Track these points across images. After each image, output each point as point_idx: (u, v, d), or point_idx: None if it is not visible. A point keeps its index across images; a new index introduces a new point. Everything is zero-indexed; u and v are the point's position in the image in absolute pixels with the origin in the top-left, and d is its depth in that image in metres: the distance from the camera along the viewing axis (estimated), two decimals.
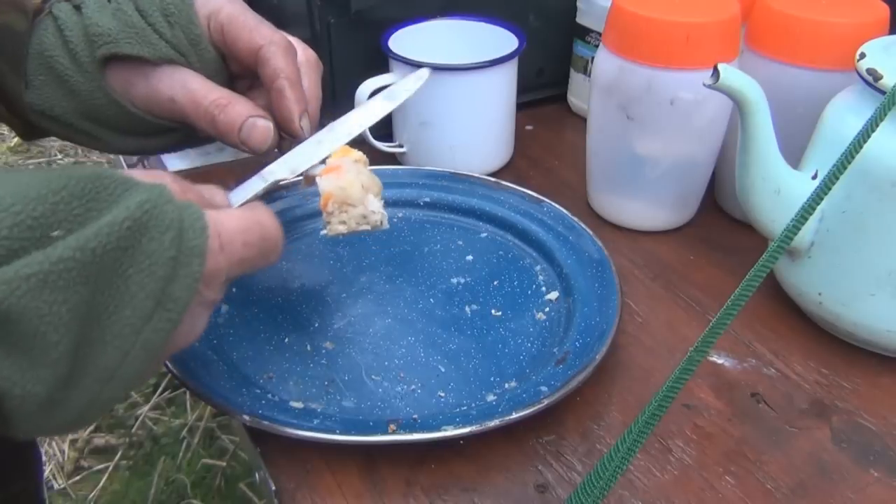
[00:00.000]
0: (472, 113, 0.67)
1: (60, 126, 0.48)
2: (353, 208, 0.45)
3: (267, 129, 0.46)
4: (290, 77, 0.46)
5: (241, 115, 0.45)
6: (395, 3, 0.69)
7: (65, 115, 0.48)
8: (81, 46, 0.46)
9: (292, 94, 0.46)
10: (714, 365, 0.51)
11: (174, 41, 0.46)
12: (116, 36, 0.45)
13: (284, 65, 0.46)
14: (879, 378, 0.51)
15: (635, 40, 0.56)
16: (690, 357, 0.34)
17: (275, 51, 0.46)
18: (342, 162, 0.46)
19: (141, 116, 0.47)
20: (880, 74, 0.46)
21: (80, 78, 0.46)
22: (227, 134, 0.46)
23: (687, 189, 0.62)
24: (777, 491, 0.43)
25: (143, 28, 0.45)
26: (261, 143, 0.46)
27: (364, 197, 0.45)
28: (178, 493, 1.35)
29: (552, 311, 0.54)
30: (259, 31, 0.46)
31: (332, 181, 0.45)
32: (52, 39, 0.46)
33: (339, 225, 0.45)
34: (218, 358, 0.48)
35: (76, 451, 1.43)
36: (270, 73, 0.46)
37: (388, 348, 0.51)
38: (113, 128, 0.49)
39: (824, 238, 0.49)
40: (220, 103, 0.45)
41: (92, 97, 0.47)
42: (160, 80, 0.46)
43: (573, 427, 0.47)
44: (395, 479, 0.43)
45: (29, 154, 2.26)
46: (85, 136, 0.49)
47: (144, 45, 0.45)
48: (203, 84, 0.46)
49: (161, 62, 0.46)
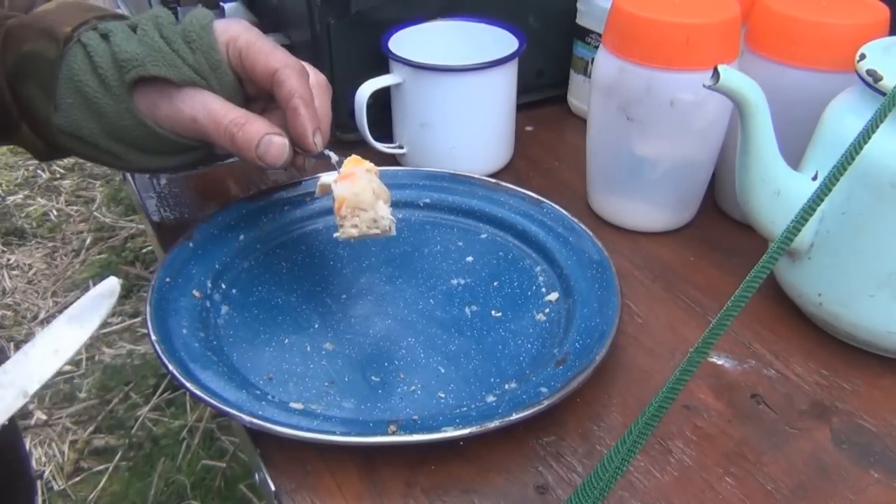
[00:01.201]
0: (472, 114, 0.67)
1: (86, 146, 0.52)
2: (364, 213, 0.49)
3: (283, 145, 0.49)
4: (304, 97, 0.49)
5: (259, 133, 0.49)
6: (395, 4, 0.69)
7: (91, 135, 0.51)
8: (110, 71, 0.49)
9: (306, 113, 0.49)
10: (714, 366, 0.51)
11: (196, 65, 0.49)
12: (144, 60, 0.48)
13: (299, 86, 0.49)
14: (879, 379, 0.51)
15: (635, 41, 0.56)
16: (690, 358, 0.34)
17: (290, 73, 0.49)
18: (355, 170, 0.50)
19: (164, 136, 0.51)
20: (880, 76, 0.46)
21: (108, 100, 0.49)
22: (245, 150, 0.49)
23: (687, 190, 0.62)
24: (777, 492, 0.43)
25: (168, 53, 0.49)
26: (277, 159, 0.49)
27: (375, 203, 0.49)
28: (178, 494, 1.35)
29: (552, 312, 0.54)
30: (275, 56, 0.49)
31: (347, 187, 0.49)
32: (81, 65, 0.49)
33: (352, 228, 0.49)
34: (218, 359, 0.48)
35: (76, 452, 1.43)
36: (286, 94, 0.49)
37: (388, 349, 0.51)
38: (137, 147, 0.52)
39: (824, 239, 0.49)
40: (239, 122, 0.49)
41: (119, 118, 0.50)
42: (183, 101, 0.49)
43: (573, 428, 0.47)
44: (395, 480, 0.43)
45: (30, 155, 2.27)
46: (109, 156, 0.52)
47: (170, 68, 0.49)
48: (223, 105, 0.49)
49: (184, 84, 0.49)
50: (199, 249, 0.56)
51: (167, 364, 0.46)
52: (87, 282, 1.81)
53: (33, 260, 1.91)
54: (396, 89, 0.67)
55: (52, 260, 1.92)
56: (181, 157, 0.53)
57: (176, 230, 0.59)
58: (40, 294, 1.80)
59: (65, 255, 1.93)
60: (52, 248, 1.95)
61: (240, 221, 0.59)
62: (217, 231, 0.58)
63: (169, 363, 0.46)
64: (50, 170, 2.23)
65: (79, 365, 1.61)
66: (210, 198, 0.67)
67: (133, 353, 1.64)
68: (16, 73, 0.50)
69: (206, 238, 0.57)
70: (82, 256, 1.92)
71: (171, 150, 0.52)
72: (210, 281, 0.54)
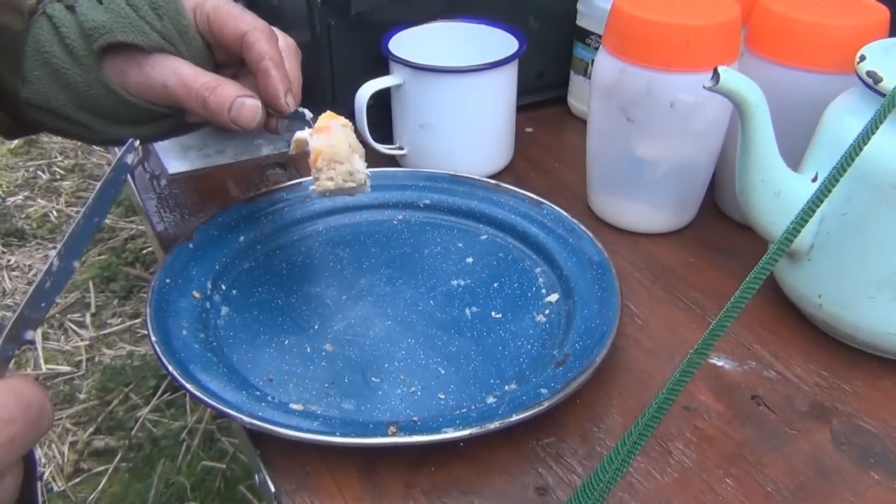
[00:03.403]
0: (473, 115, 0.67)
1: (56, 118, 0.51)
2: (340, 165, 0.49)
3: (255, 107, 0.49)
4: (274, 59, 0.49)
5: (231, 96, 0.49)
6: (395, 5, 0.69)
7: (61, 107, 0.50)
8: (77, 41, 0.48)
9: (277, 74, 0.49)
10: (714, 367, 0.51)
11: (164, 31, 0.49)
12: (111, 27, 0.48)
13: (268, 48, 0.49)
14: (880, 380, 0.51)
15: (635, 42, 0.56)
16: (690, 359, 0.34)
17: (259, 36, 0.49)
18: (330, 124, 0.50)
19: (135, 103, 0.50)
20: (880, 77, 0.46)
21: (76, 71, 0.49)
22: (217, 114, 0.49)
23: (687, 191, 0.62)
24: (777, 493, 0.43)
25: (135, 20, 0.49)
26: (249, 121, 0.49)
27: (351, 155, 0.49)
28: (178, 495, 1.35)
29: (552, 313, 0.54)
30: (243, 19, 0.50)
31: (323, 139, 0.49)
32: (47, 37, 0.49)
33: (328, 181, 0.49)
34: (217, 360, 0.48)
35: (75, 453, 1.43)
36: (255, 56, 0.49)
37: (388, 350, 0.51)
38: (108, 117, 0.51)
39: (824, 240, 0.49)
40: (210, 86, 0.49)
41: (89, 88, 0.49)
42: (153, 68, 0.49)
43: (573, 429, 0.47)
44: (395, 482, 0.43)
45: (30, 156, 2.27)
46: (80, 127, 0.52)
47: (138, 34, 0.48)
48: (193, 70, 0.49)
49: (153, 51, 0.49)
50: (199, 250, 0.56)
51: (167, 365, 0.46)
52: (87, 283, 1.81)
53: (33, 261, 1.91)
54: (396, 90, 0.67)
55: None
56: (153, 125, 0.53)
57: (176, 231, 0.59)
58: None
59: None
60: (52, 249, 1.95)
61: (240, 223, 0.59)
62: (217, 232, 0.58)
63: (169, 364, 0.46)
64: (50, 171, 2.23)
65: (78, 366, 1.61)
66: (210, 199, 0.67)
67: (133, 354, 1.63)
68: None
69: (206, 239, 0.57)
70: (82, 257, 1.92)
71: (142, 118, 0.52)
72: (210, 282, 0.54)
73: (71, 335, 1.68)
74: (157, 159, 0.72)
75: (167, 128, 0.54)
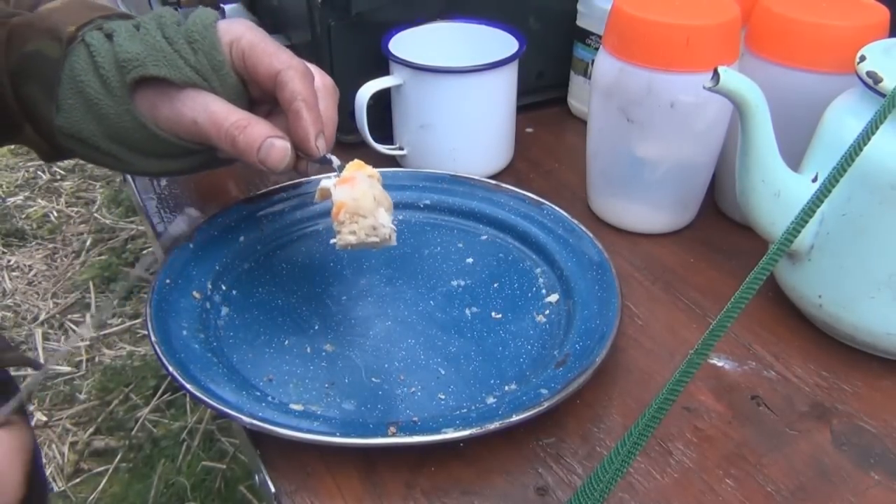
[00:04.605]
0: (473, 115, 0.67)
1: (87, 148, 0.51)
2: (363, 219, 0.47)
3: (284, 148, 0.48)
4: (307, 100, 0.48)
5: (261, 136, 0.48)
6: (395, 6, 0.69)
7: (92, 137, 0.50)
8: (112, 72, 0.48)
9: (309, 116, 0.48)
10: (714, 367, 0.51)
11: (198, 66, 0.48)
12: (144, 60, 0.47)
13: (302, 88, 0.48)
14: (880, 381, 0.51)
15: (635, 43, 0.56)
16: (690, 360, 0.34)
17: (293, 75, 0.48)
18: (356, 174, 0.48)
19: (165, 138, 0.50)
20: (880, 77, 0.46)
21: (109, 102, 0.48)
22: (246, 154, 0.48)
23: (687, 192, 0.62)
24: (777, 494, 0.43)
25: (170, 53, 0.48)
26: (278, 162, 0.48)
27: (375, 209, 0.47)
28: (178, 495, 1.35)
29: (552, 313, 0.54)
30: (278, 57, 0.48)
31: (346, 192, 0.47)
32: (83, 65, 0.48)
33: (350, 235, 0.47)
34: (217, 360, 0.48)
35: (76, 453, 1.43)
36: (288, 96, 0.48)
37: (388, 350, 0.51)
38: (138, 150, 0.51)
39: (824, 241, 0.49)
40: (240, 125, 0.48)
41: (120, 120, 0.49)
42: (184, 103, 0.48)
43: (573, 430, 0.47)
44: (395, 482, 0.43)
45: (30, 156, 2.27)
46: (111, 158, 0.51)
47: (170, 69, 0.48)
48: (224, 107, 0.48)
49: (185, 85, 0.48)
50: (199, 251, 0.56)
51: (167, 365, 0.46)
52: (87, 283, 1.81)
53: (33, 261, 1.91)
54: (397, 91, 0.67)
55: (53, 261, 1.92)
56: (183, 160, 0.52)
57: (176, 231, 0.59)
58: (40, 295, 1.80)
59: (65, 257, 1.93)
60: (52, 250, 1.95)
61: (240, 223, 0.59)
62: (217, 232, 0.58)
63: (169, 364, 0.46)
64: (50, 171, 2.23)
65: (79, 366, 1.61)
66: (210, 199, 0.67)
67: (133, 354, 1.64)
68: (18, 73, 0.49)
69: (207, 239, 0.57)
70: (82, 258, 1.92)
71: (172, 153, 0.51)
72: (210, 282, 0.54)
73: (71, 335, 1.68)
74: None
75: (197, 163, 0.53)
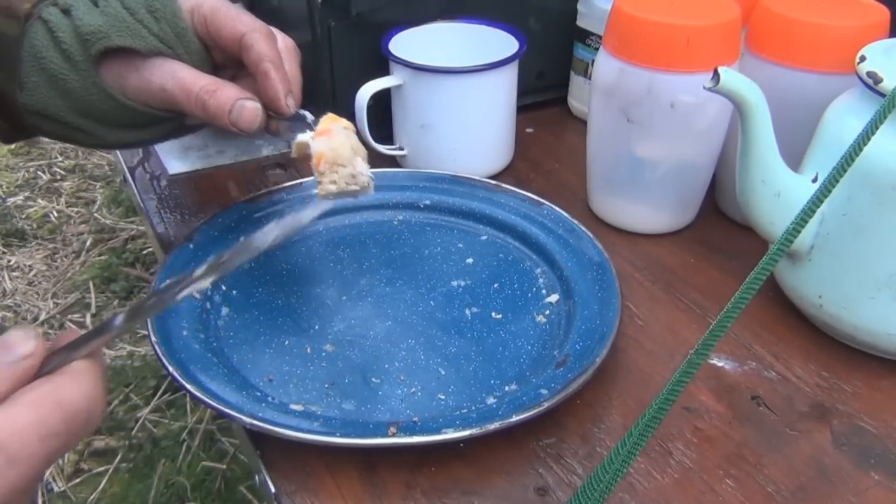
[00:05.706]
0: (473, 116, 0.67)
1: (55, 124, 0.50)
2: (342, 168, 0.48)
3: (255, 109, 0.49)
4: (273, 60, 0.49)
5: (231, 99, 0.48)
6: (395, 6, 0.69)
7: (59, 113, 0.50)
8: (74, 46, 0.48)
9: (277, 75, 0.49)
10: (714, 368, 0.51)
11: (161, 34, 0.49)
12: (108, 32, 0.47)
13: (267, 49, 0.49)
14: (880, 381, 0.51)
15: (636, 43, 0.56)
16: (691, 360, 0.34)
17: (257, 37, 0.49)
18: (332, 126, 0.49)
19: (134, 108, 0.50)
20: (880, 77, 0.46)
21: (73, 76, 0.48)
22: (217, 117, 0.48)
23: (687, 192, 0.62)
24: (777, 494, 0.43)
25: (132, 23, 0.48)
26: (250, 123, 0.49)
27: (353, 158, 0.48)
28: (178, 495, 1.35)
29: (552, 313, 0.54)
30: (241, 20, 0.49)
31: (324, 142, 0.48)
32: (43, 42, 0.48)
33: (330, 185, 0.48)
34: (218, 361, 0.48)
35: (76, 453, 1.43)
36: (255, 58, 0.49)
37: (388, 351, 0.51)
38: (107, 122, 0.51)
39: (824, 241, 0.49)
40: (210, 89, 0.48)
41: (87, 94, 0.49)
42: (151, 72, 0.49)
43: (573, 430, 0.47)
44: (395, 482, 0.43)
45: (30, 156, 2.27)
46: (80, 133, 0.51)
47: (135, 38, 0.48)
48: (192, 73, 0.49)
49: (151, 54, 0.49)
50: (199, 251, 0.56)
51: (167, 366, 0.46)
52: (87, 283, 1.81)
53: (34, 261, 1.91)
54: (397, 91, 0.67)
55: (53, 261, 1.92)
56: (152, 129, 0.53)
57: (176, 231, 0.59)
58: (41, 295, 1.80)
59: (65, 257, 1.93)
60: (52, 250, 1.95)
61: (240, 223, 0.59)
62: (217, 233, 0.58)
63: (169, 365, 0.46)
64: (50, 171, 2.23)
65: None
66: (210, 199, 0.67)
67: (133, 354, 1.63)
68: None
69: (207, 239, 0.57)
70: (83, 258, 1.92)
71: (141, 122, 0.51)
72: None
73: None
74: (158, 160, 0.72)
75: (166, 131, 0.54)
